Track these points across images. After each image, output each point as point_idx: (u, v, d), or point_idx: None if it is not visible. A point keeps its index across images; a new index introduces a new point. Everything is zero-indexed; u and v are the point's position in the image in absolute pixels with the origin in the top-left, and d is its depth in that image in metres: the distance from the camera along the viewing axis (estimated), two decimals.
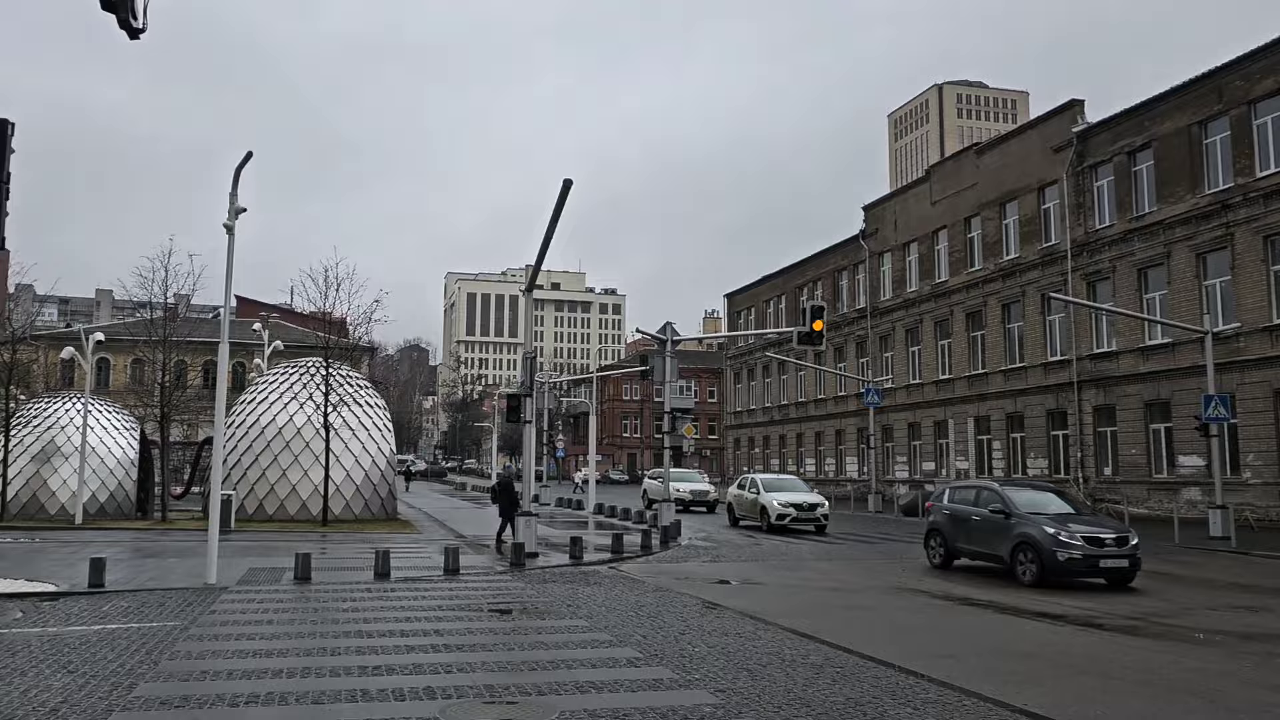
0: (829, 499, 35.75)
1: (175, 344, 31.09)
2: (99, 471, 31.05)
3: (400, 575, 16.97)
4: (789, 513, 29.16)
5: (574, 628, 11.78)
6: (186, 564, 18.38)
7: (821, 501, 30.35)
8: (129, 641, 10.47)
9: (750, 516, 31.18)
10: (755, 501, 30.74)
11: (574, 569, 18.93)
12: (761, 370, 67.57)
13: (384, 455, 31.90)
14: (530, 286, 20.83)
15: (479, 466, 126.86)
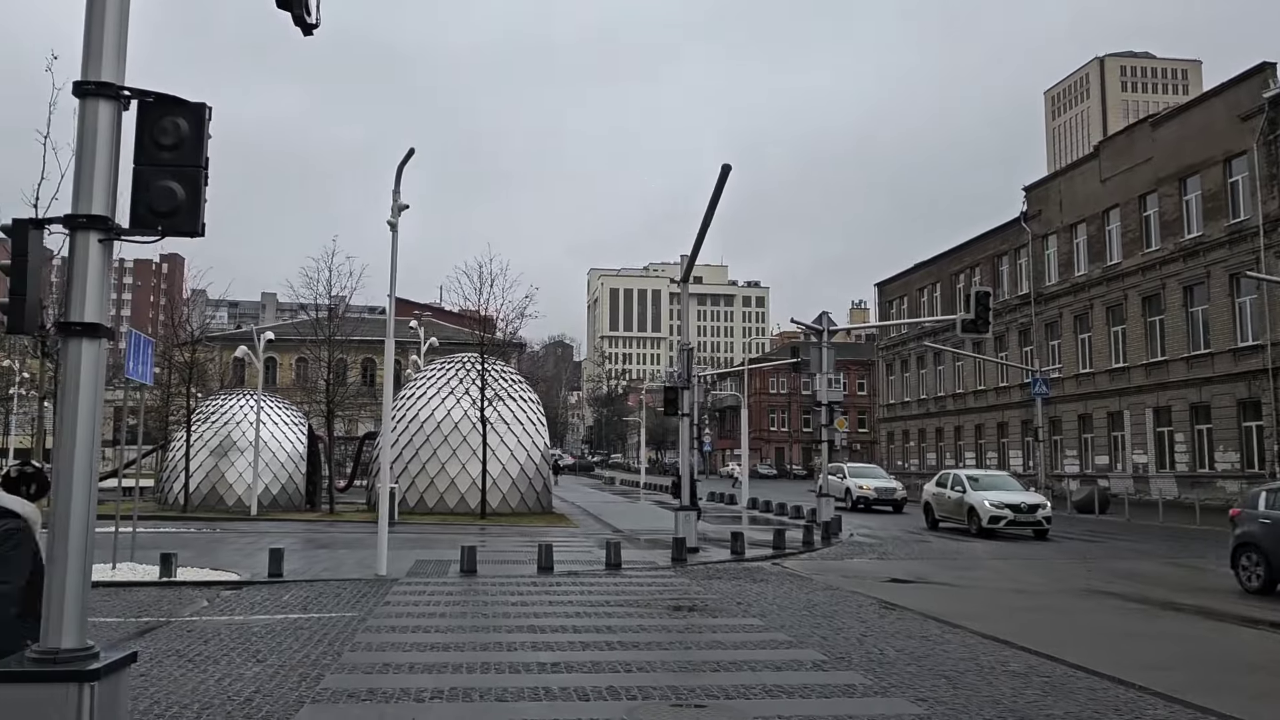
0: None
1: (338, 342, 32.18)
2: (271, 465, 32.47)
3: (563, 569, 16.83)
4: (1004, 514, 25.63)
5: (749, 626, 11.25)
6: (356, 555, 18.78)
7: (1042, 502, 26.88)
8: (311, 632, 10.56)
9: (954, 518, 27.65)
10: (961, 501, 27.23)
11: (736, 565, 18.41)
12: (916, 361, 65.33)
13: (538, 449, 32.16)
14: (686, 276, 20.42)
15: (625, 460, 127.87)
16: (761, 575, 16.71)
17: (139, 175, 4.48)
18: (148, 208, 4.45)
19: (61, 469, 4.30)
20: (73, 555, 4.26)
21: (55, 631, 4.19)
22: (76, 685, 4.03)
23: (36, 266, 4.41)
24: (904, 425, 67.41)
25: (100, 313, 4.35)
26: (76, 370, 4.30)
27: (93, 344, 4.35)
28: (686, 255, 20.89)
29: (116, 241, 4.46)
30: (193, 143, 4.50)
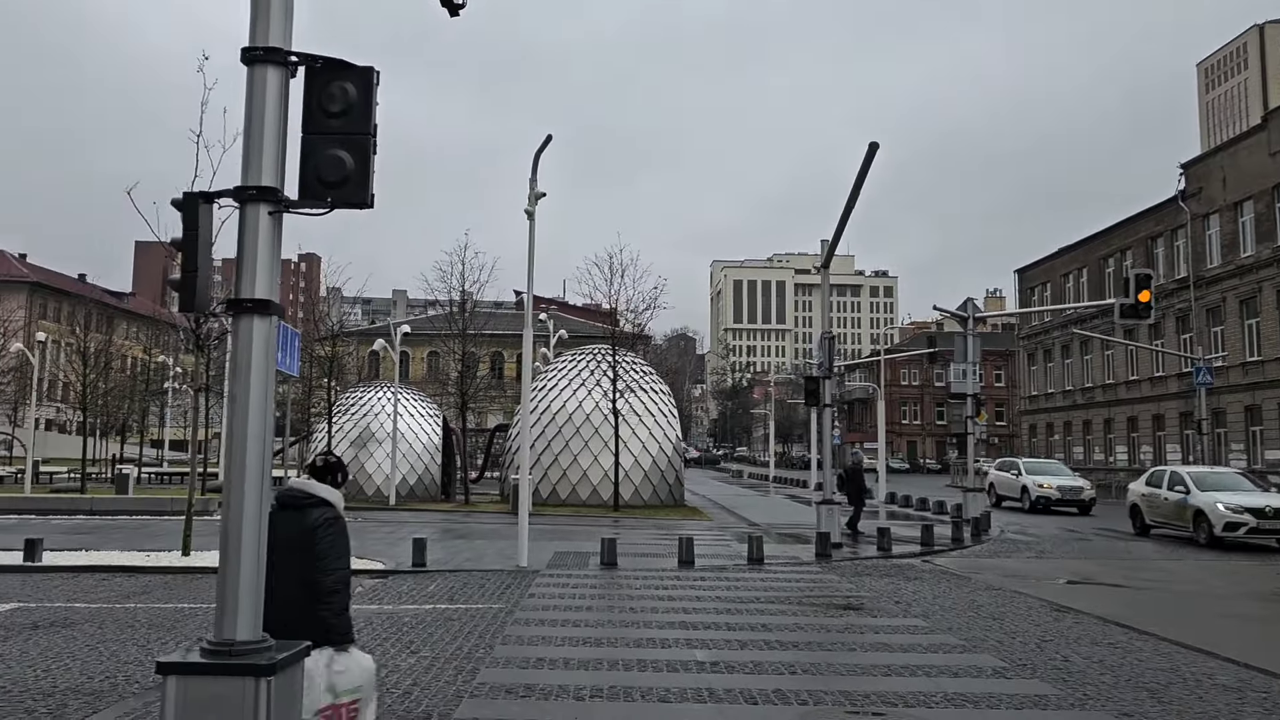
0: None
1: (471, 336, 32.60)
2: (408, 456, 33.21)
3: (704, 563, 16.43)
4: (1243, 520, 21.09)
5: (913, 628, 10.58)
6: (495, 546, 18.85)
7: None
8: (460, 623, 10.45)
9: (1172, 523, 23.61)
10: (1182, 504, 22.94)
11: (885, 561, 17.64)
12: (1060, 350, 62.29)
13: (670, 441, 31.89)
14: (826, 262, 19.70)
15: (750, 454, 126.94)
16: (913, 572, 15.92)
17: (307, 144, 4.26)
18: (316, 178, 4.22)
19: (234, 453, 4.11)
20: (246, 544, 4.07)
21: (230, 623, 4.02)
22: (253, 680, 3.84)
23: (208, 242, 4.23)
24: (1048, 418, 64.43)
25: (271, 289, 4.14)
26: (248, 349, 4.10)
27: (264, 321, 4.15)
28: (821, 244, 20.18)
29: (286, 214, 4.24)
30: (361, 109, 4.25)
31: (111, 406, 49.66)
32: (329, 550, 4.56)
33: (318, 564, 4.50)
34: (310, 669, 4.34)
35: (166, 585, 13.53)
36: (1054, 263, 63.71)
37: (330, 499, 4.69)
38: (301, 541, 4.50)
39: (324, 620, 4.45)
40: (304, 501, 4.64)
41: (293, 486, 4.71)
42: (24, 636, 9.53)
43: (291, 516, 4.58)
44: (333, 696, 4.38)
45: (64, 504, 27.74)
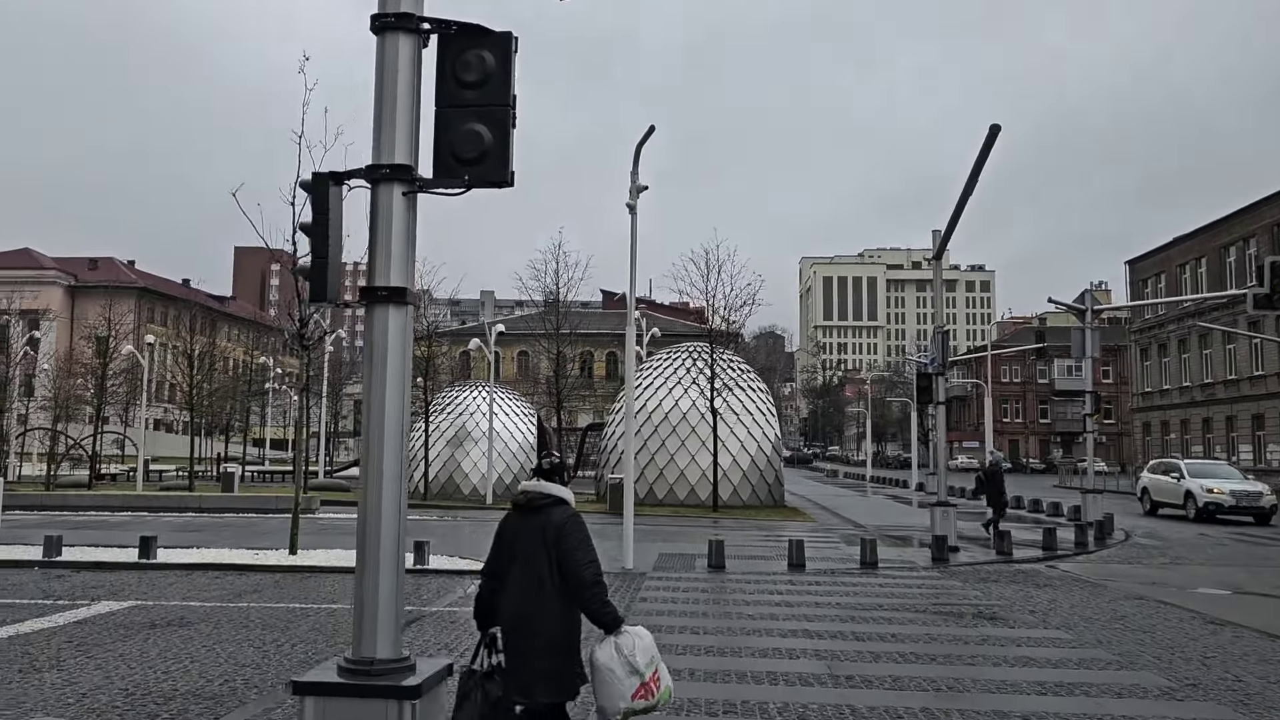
0: None
1: (565, 336, 32.50)
2: (503, 455, 33.29)
3: (815, 566, 15.84)
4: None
5: (1057, 640, 9.85)
6: (598, 547, 18.49)
7: None
8: None
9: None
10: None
11: (1006, 566, 16.76)
12: (1177, 345, 59.43)
13: (769, 440, 31.24)
14: (939, 253, 18.86)
15: (842, 453, 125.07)
16: (1041, 579, 15.04)
17: (441, 118, 3.90)
18: (451, 154, 3.86)
19: (370, 456, 3.79)
20: (385, 553, 3.75)
21: (369, 639, 3.69)
22: (396, 702, 3.50)
23: (339, 225, 3.92)
24: (1163, 415, 61.56)
25: (406, 275, 3.80)
26: (383, 342, 3.77)
27: (400, 311, 3.81)
28: (932, 235, 19.33)
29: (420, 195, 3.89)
30: (499, 78, 3.88)
31: (215, 407, 51.27)
32: (578, 546, 4.65)
33: (571, 561, 4.57)
34: (606, 661, 4.47)
35: (276, 584, 13.55)
36: (1169, 253, 60.84)
37: (566, 497, 4.80)
38: (546, 541, 4.58)
39: (592, 612, 4.54)
40: (543, 502, 4.71)
41: (529, 489, 4.79)
42: (143, 636, 9.53)
43: (533, 518, 4.67)
44: (639, 677, 4.48)
45: (173, 501, 28.52)
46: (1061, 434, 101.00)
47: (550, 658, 4.49)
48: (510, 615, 4.56)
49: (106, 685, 7.52)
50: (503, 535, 4.80)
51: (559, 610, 4.53)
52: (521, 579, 4.56)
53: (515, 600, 4.55)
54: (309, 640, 9.42)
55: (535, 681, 4.46)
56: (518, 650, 4.50)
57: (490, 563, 4.84)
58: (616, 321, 69.17)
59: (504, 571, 4.70)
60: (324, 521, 24.14)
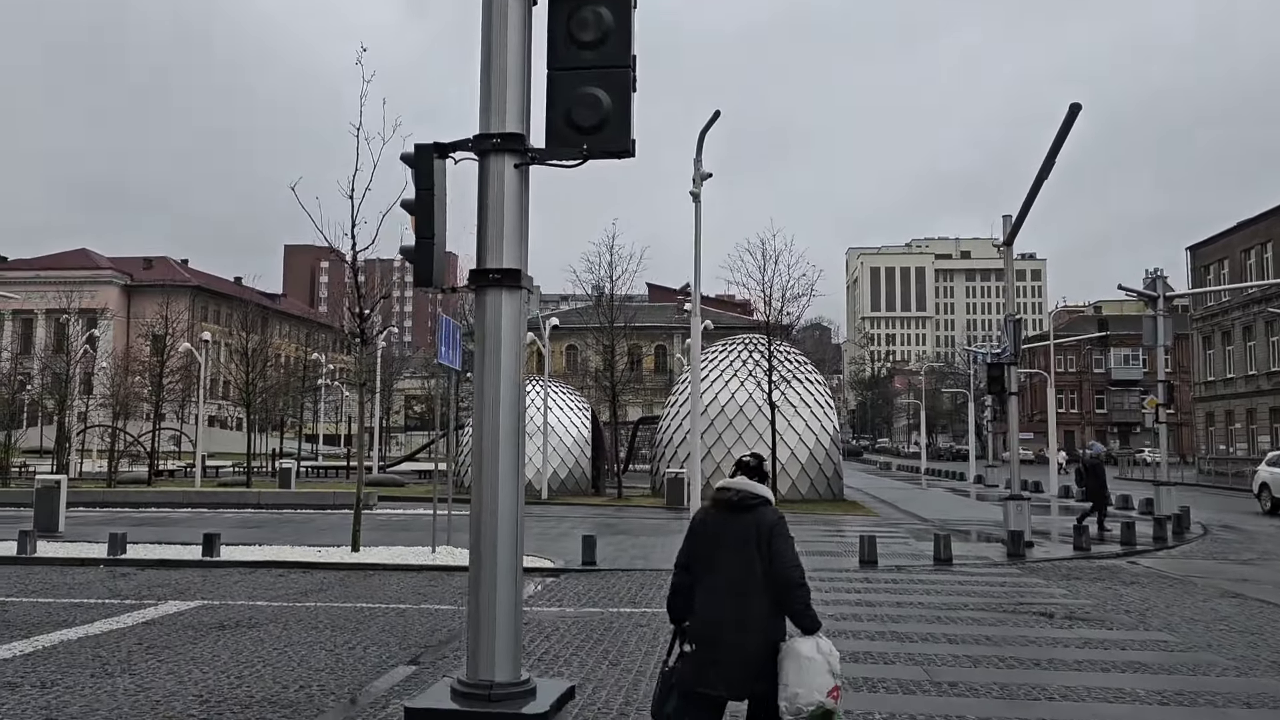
0: None
1: (619, 329, 32.09)
2: (558, 449, 33.03)
3: (887, 563, 15.34)
4: None
5: (1162, 644, 9.30)
6: (660, 543, 18.18)
7: None
8: (651, 630, 9.75)
9: None
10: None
11: (1085, 562, 16.11)
12: (1242, 332, 57.69)
13: (828, 433, 30.66)
14: (1010, 239, 18.17)
15: (892, 445, 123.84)
16: (1125, 576, 14.40)
17: (555, 82, 3.53)
18: (567, 121, 3.49)
19: (485, 456, 3.44)
20: (503, 564, 3.41)
21: (487, 659, 3.36)
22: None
23: (444, 202, 3.56)
24: (1227, 405, 59.83)
25: (520, 256, 3.44)
26: (496, 329, 3.42)
27: (514, 296, 3.46)
28: (1003, 220, 18.63)
29: (532, 168, 3.53)
30: (619, 36, 3.51)
31: (270, 403, 51.72)
32: (786, 547, 4.70)
33: (781, 561, 4.63)
34: (811, 654, 4.55)
35: (341, 582, 13.37)
36: (1232, 238, 59.05)
37: (771, 498, 4.84)
38: (759, 539, 4.64)
39: (796, 612, 4.61)
40: (753, 502, 4.73)
41: (737, 488, 4.80)
42: (213, 638, 9.34)
43: (741, 516, 4.69)
44: (834, 678, 4.61)
45: (232, 497, 28.67)
46: (1119, 424, 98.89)
47: (761, 651, 4.60)
48: (715, 610, 4.65)
49: (180, 692, 7.30)
50: (701, 531, 4.82)
51: (768, 606, 4.63)
52: (730, 575, 4.65)
53: (722, 595, 4.65)
54: (381, 642, 9.17)
55: (745, 674, 4.59)
56: (724, 643, 4.60)
57: (684, 557, 4.86)
58: (663, 315, 68.73)
59: (703, 567, 4.74)
60: (382, 517, 24.08)
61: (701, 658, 4.62)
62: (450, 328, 16.02)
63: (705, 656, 4.61)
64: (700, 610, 4.69)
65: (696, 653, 4.66)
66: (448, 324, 16.11)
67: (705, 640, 4.65)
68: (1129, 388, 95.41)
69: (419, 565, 14.85)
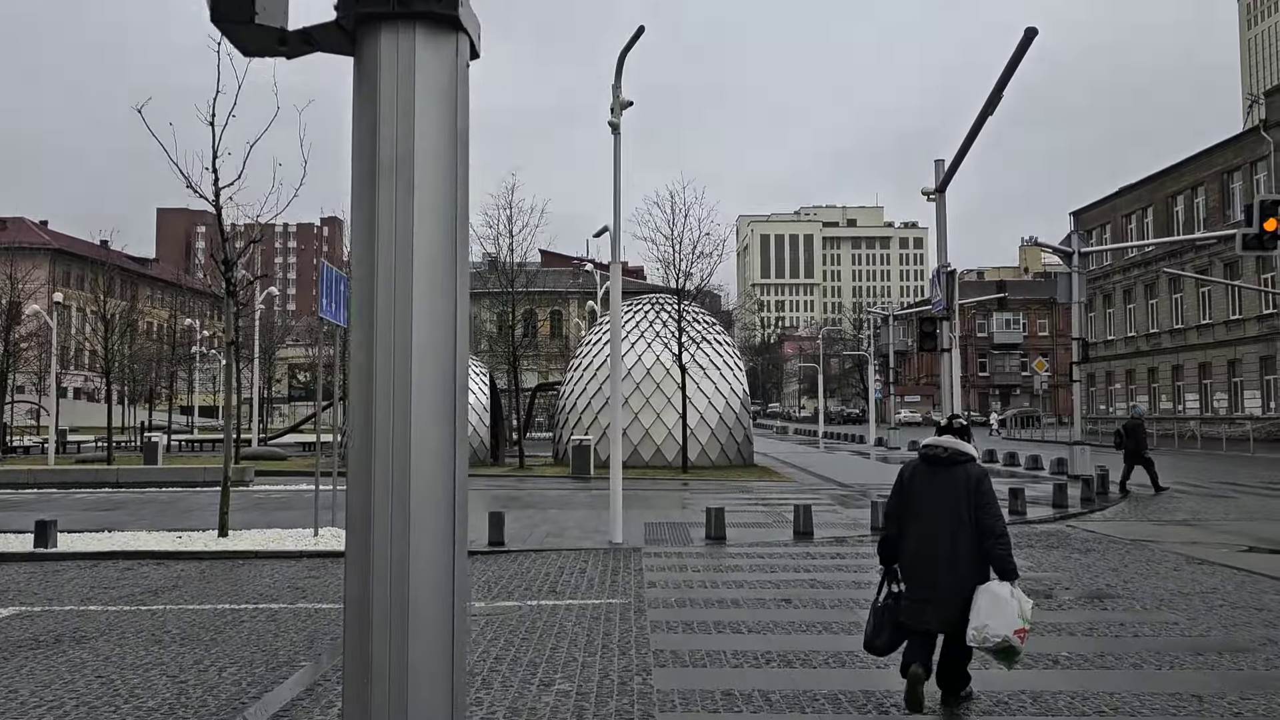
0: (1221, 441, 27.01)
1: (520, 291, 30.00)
2: None
3: (822, 535, 14.05)
4: None
5: (1176, 626, 8.11)
6: (572, 518, 16.53)
7: None
8: (584, 628, 8.08)
9: None
10: None
11: (1026, 528, 15.16)
12: (1123, 295, 59.15)
13: (738, 396, 29.40)
14: (943, 186, 16.96)
15: (783, 409, 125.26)
16: (1076, 542, 13.44)
17: None
18: None
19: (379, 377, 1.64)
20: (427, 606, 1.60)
21: None
22: None
23: None
24: (1107, 366, 61.39)
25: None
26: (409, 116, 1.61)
27: (438, 41, 1.65)
28: (938, 163, 17.45)
29: None
30: None
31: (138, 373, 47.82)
32: (990, 499, 5.38)
33: (986, 512, 5.29)
34: (1003, 594, 5.09)
35: (203, 576, 11.26)
36: (1115, 203, 60.41)
37: (976, 455, 5.55)
38: (967, 490, 5.29)
39: (999, 558, 5.24)
40: (961, 458, 5.48)
41: (946, 445, 5.45)
42: (17, 662, 7.21)
43: (949, 471, 5.41)
44: (1023, 621, 5.10)
45: (88, 476, 25.67)
46: (1000, 387, 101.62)
47: (968, 589, 5.14)
48: (927, 553, 5.26)
49: None
50: (909, 484, 5.50)
51: (974, 549, 5.21)
52: (940, 523, 5.24)
53: (933, 541, 5.24)
54: (243, 661, 7.22)
55: (956, 610, 5.15)
56: (938, 583, 5.19)
57: (893, 506, 5.56)
58: (559, 280, 66.63)
59: (914, 515, 5.37)
60: (258, 495, 21.69)
61: (916, 596, 5.27)
62: (333, 276, 13.89)
63: (920, 595, 5.25)
64: (913, 553, 5.30)
65: (910, 592, 5.29)
66: (330, 273, 13.98)
67: (920, 580, 5.26)
68: (1009, 351, 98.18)
69: (298, 552, 12.79)
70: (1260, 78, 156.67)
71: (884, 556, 5.62)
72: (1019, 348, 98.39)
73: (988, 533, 5.25)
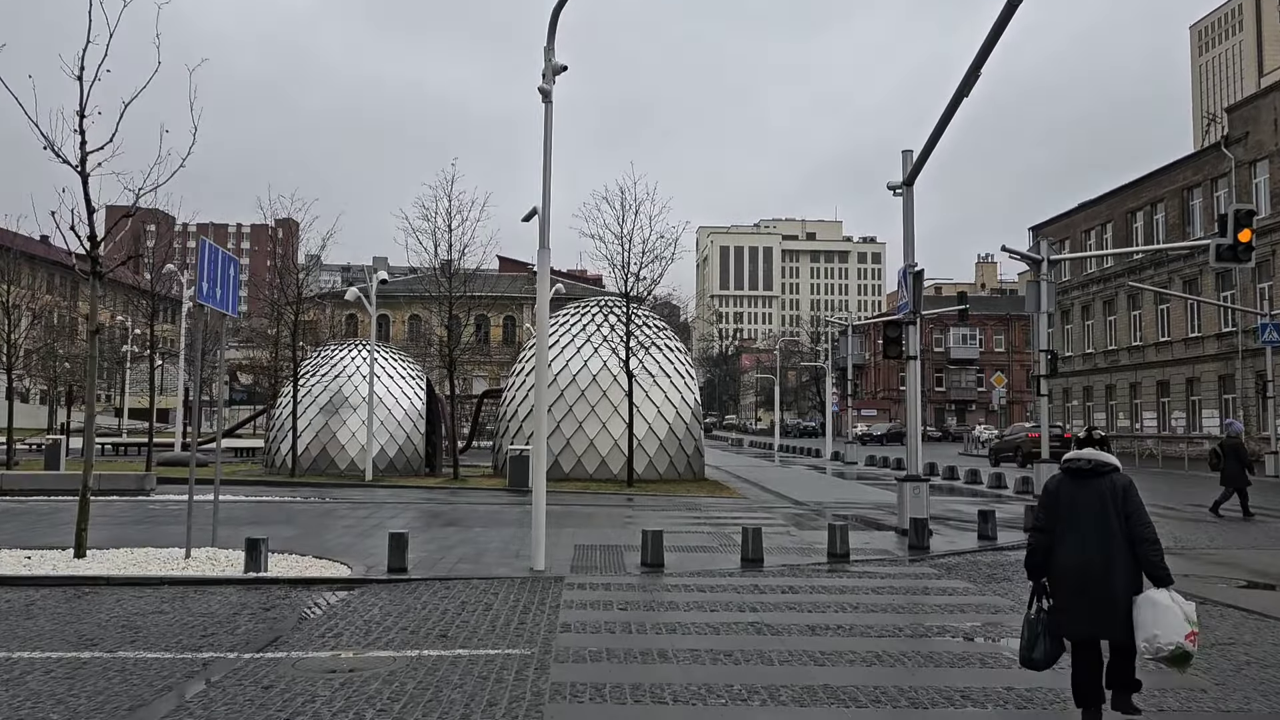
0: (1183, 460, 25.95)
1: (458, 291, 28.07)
2: (387, 424, 28.92)
3: (775, 561, 12.43)
4: None
5: (1202, 694, 6.54)
6: (497, 537, 14.74)
7: None
8: (467, 689, 6.33)
9: None
10: None
11: (997, 555, 13.63)
12: (1081, 311, 58.53)
13: (689, 405, 27.74)
14: (911, 179, 15.47)
15: (739, 421, 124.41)
16: None
17: None
18: None
19: None
20: None
21: None
22: None
23: None
24: (1064, 383, 60.67)
25: None
26: None
27: None
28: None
29: None
30: None
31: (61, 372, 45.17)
32: (1139, 506, 5.57)
33: (1136, 519, 5.51)
34: (1163, 601, 5.33)
35: (28, 609, 9.31)
36: (1073, 219, 59.87)
37: (1119, 465, 5.71)
38: (1115, 500, 5.55)
39: (1152, 564, 5.45)
40: (1105, 469, 5.66)
41: (1089, 457, 5.67)
42: None
43: (1095, 481, 5.64)
44: (1190, 624, 5.27)
45: None
46: (955, 402, 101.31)
47: (1124, 596, 5.42)
48: (1082, 562, 5.49)
49: None
50: (1057, 497, 5.72)
51: (1128, 558, 5.47)
52: (1093, 531, 5.50)
53: (1087, 550, 5.49)
54: None
55: (1114, 616, 5.43)
56: (1093, 591, 5.45)
57: (1043, 520, 5.76)
58: (514, 286, 64.60)
59: (1065, 526, 5.59)
60: (154, 506, 19.69)
61: (1073, 605, 5.53)
62: (214, 254, 12.01)
63: (1077, 603, 5.51)
64: (1066, 563, 5.54)
65: (1066, 601, 5.54)
66: (215, 252, 12.09)
67: (1075, 588, 5.52)
68: (965, 366, 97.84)
69: (159, 578, 10.85)
70: (1211, 101, 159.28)
71: (1032, 571, 5.77)
72: (975, 363, 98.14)
73: (1140, 540, 5.43)
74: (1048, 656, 5.59)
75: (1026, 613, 5.74)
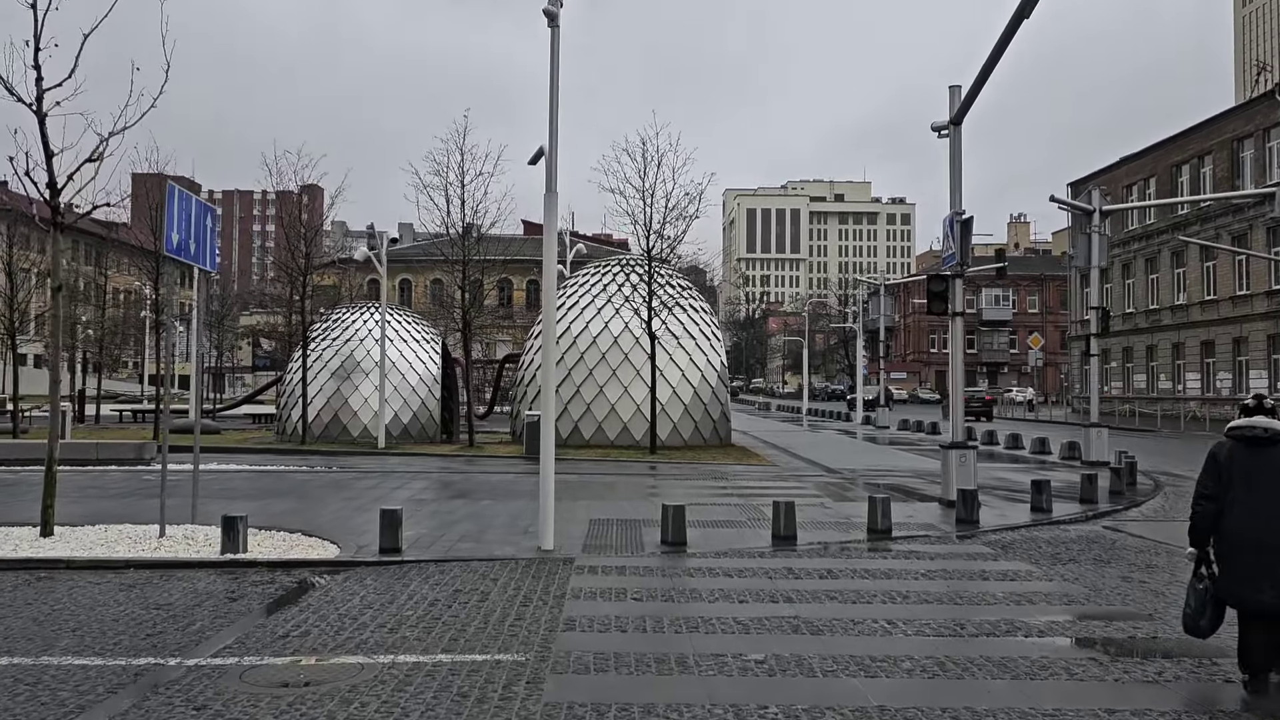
0: None
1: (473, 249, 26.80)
2: (400, 389, 27.83)
3: (809, 538, 11.21)
4: None
5: None
6: (506, 510, 13.60)
7: None
8: (440, 713, 5.14)
9: None
10: None
11: (1054, 530, 12.34)
12: (1121, 270, 56.44)
13: (715, 368, 26.41)
14: (959, 118, 13.99)
15: (766, 385, 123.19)
16: (1130, 554, 10.64)
17: None
18: None
19: None
20: None
21: None
22: None
23: None
24: (1104, 343, 58.68)
25: None
26: None
27: None
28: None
29: None
30: None
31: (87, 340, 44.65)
32: None
33: None
34: None
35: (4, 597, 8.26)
36: (1115, 173, 57.54)
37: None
38: None
39: None
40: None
41: (1264, 425, 5.53)
42: None
43: (1269, 450, 5.55)
44: None
45: None
46: (987, 364, 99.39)
47: None
48: (1259, 532, 5.40)
49: None
50: (1226, 464, 5.61)
51: None
52: (1270, 501, 5.42)
53: (1265, 519, 5.40)
54: None
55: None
56: (1266, 561, 5.37)
57: (1211, 488, 5.65)
58: (536, 248, 63.18)
59: (1241, 492, 5.49)
60: (150, 477, 18.68)
61: (1251, 575, 5.41)
62: (185, 201, 10.81)
63: (1255, 573, 5.40)
64: (1241, 534, 5.45)
65: (1242, 571, 5.43)
66: (183, 197, 10.87)
67: (1253, 560, 5.41)
68: (998, 328, 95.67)
69: (124, 560, 9.78)
70: (1254, 55, 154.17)
71: (1196, 538, 5.76)
72: (1008, 324, 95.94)
73: None
74: (1212, 623, 5.61)
75: (1191, 580, 5.76)
